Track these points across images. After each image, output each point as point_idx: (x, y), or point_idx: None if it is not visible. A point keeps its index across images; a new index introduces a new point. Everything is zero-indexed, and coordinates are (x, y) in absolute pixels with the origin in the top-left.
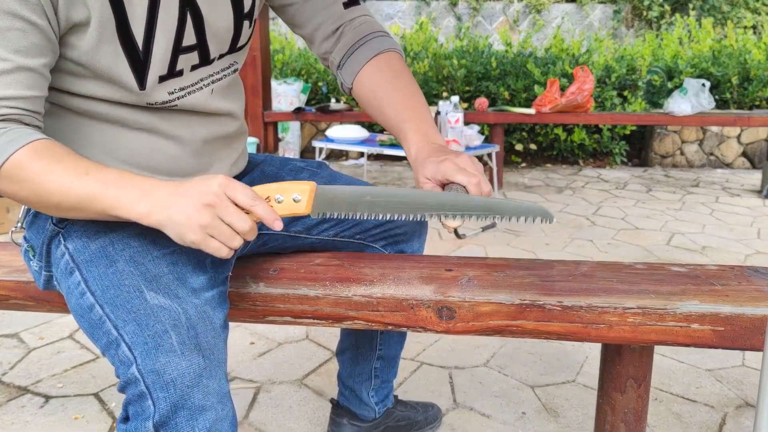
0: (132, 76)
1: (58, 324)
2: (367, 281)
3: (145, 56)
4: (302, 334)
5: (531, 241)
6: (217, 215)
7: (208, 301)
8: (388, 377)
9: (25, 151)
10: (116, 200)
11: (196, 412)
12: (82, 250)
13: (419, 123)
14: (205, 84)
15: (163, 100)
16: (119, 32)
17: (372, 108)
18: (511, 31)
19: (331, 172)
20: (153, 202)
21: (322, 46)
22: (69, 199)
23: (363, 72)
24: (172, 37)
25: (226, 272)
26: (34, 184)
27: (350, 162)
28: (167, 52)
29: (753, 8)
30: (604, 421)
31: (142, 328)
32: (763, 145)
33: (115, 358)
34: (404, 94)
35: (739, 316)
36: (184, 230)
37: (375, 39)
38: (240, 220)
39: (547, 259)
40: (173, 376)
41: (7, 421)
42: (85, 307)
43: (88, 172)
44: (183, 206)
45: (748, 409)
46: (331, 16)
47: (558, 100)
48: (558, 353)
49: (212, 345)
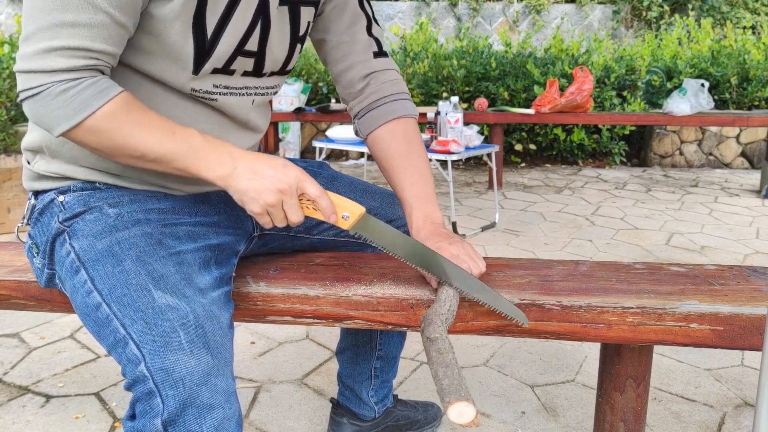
0: (192, 59)
1: (58, 324)
2: (367, 281)
3: (211, 46)
4: (302, 333)
5: (530, 241)
6: (282, 200)
7: (214, 301)
8: (388, 377)
9: (117, 102)
10: (199, 162)
11: (204, 411)
12: (88, 249)
13: (424, 204)
14: (249, 92)
15: (206, 89)
16: (195, 17)
17: (382, 169)
18: (510, 32)
19: (333, 173)
20: (232, 170)
21: (346, 89)
22: (154, 153)
23: (378, 132)
24: (239, 38)
25: (230, 272)
26: (121, 135)
27: (350, 162)
28: (230, 49)
29: (752, 9)
30: (604, 420)
31: (150, 327)
32: (762, 145)
33: (123, 357)
34: (413, 169)
35: (738, 315)
36: (251, 202)
37: (396, 102)
38: (296, 213)
39: (546, 259)
40: (182, 374)
41: (8, 420)
42: (92, 306)
43: (174, 131)
44: (258, 184)
45: (747, 408)
46: (361, 62)
47: (557, 101)
48: (557, 353)
49: (220, 344)
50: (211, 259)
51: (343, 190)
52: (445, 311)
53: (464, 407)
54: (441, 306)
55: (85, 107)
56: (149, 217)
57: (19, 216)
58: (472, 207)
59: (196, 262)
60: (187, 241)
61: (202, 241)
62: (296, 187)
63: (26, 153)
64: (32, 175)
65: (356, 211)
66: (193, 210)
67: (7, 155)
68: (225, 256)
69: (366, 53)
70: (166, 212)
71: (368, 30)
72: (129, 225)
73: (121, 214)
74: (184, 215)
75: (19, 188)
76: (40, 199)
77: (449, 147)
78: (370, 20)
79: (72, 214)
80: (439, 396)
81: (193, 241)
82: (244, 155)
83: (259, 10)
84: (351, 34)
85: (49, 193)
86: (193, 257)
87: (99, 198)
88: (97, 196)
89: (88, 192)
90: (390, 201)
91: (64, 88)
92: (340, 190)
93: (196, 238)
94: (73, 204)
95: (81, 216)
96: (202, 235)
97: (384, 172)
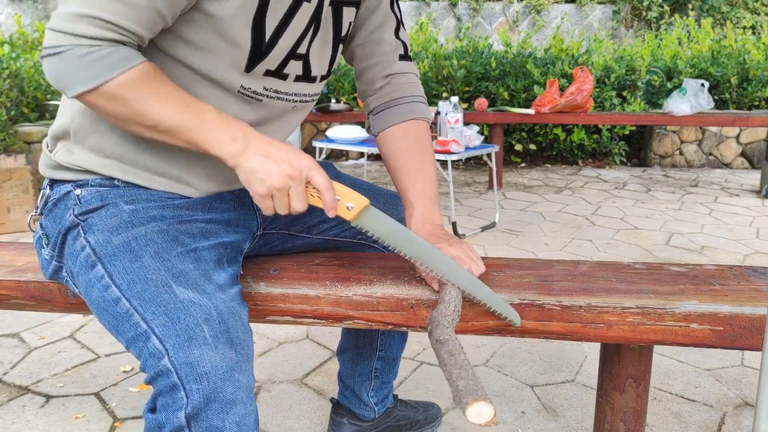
0: (246, 59)
1: (58, 324)
2: (367, 281)
3: (268, 48)
4: (302, 333)
5: (530, 241)
6: (288, 186)
7: (233, 297)
8: (388, 378)
9: (137, 71)
10: (211, 136)
11: (227, 406)
12: (105, 244)
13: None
14: (296, 99)
15: (255, 90)
16: (255, 17)
17: (389, 166)
18: (510, 32)
19: (336, 173)
20: (243, 148)
21: (366, 85)
22: (166, 123)
23: (392, 130)
24: (294, 42)
25: (239, 270)
26: (137, 104)
27: (350, 162)
28: (284, 52)
29: (752, 9)
30: (604, 420)
31: (173, 321)
32: (761, 145)
33: (144, 351)
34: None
35: (737, 315)
36: (257, 183)
37: (413, 104)
38: (300, 201)
39: (546, 259)
40: (207, 368)
41: (8, 420)
42: (110, 301)
43: (188, 104)
44: (268, 165)
45: (747, 408)
46: (385, 62)
47: (557, 101)
48: (557, 353)
49: (242, 340)
50: (224, 256)
51: None
52: (450, 312)
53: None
54: (446, 307)
55: (105, 72)
56: (164, 213)
57: (19, 216)
58: (472, 207)
59: (212, 259)
60: (201, 239)
61: (214, 238)
62: (305, 175)
63: (50, 139)
64: (51, 163)
65: (360, 202)
66: (206, 207)
67: (7, 155)
68: (234, 254)
69: (392, 54)
70: (180, 209)
71: (396, 32)
72: (145, 221)
73: (137, 210)
74: (198, 212)
75: (20, 188)
76: (56, 189)
77: (449, 147)
78: (398, 23)
79: (88, 208)
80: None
81: (206, 238)
82: (258, 136)
83: (315, 13)
84: (379, 33)
85: (66, 185)
86: (208, 254)
87: (116, 195)
88: (114, 193)
89: (106, 189)
90: (393, 202)
91: (86, 51)
92: None
93: (209, 235)
94: (89, 199)
95: (97, 211)
96: (214, 232)
97: (390, 170)
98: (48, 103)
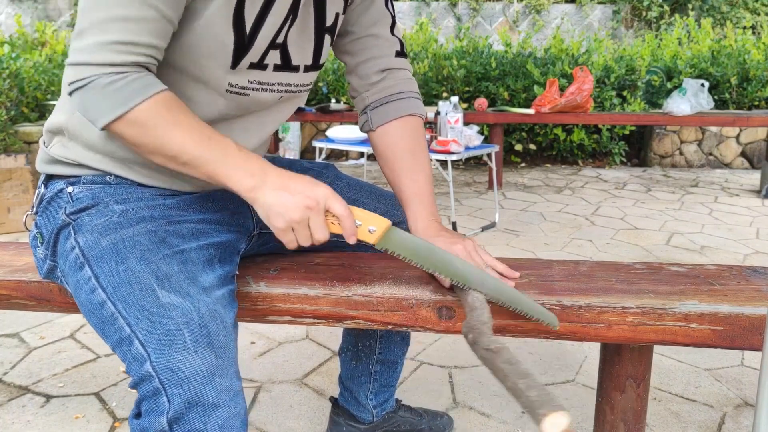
0: (231, 55)
1: (58, 324)
2: (367, 281)
3: (249, 41)
4: (302, 333)
5: (530, 241)
6: (307, 217)
7: (218, 300)
8: (388, 381)
9: (159, 99)
10: (230, 170)
11: (209, 409)
12: (93, 245)
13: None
14: (280, 89)
15: (242, 85)
16: (235, 13)
17: (385, 162)
18: (510, 32)
19: (337, 173)
20: (261, 182)
21: (361, 80)
22: (187, 155)
23: (389, 126)
24: (274, 32)
25: (234, 270)
26: (160, 132)
27: (350, 162)
28: (266, 42)
29: (752, 8)
30: (604, 420)
31: (155, 326)
32: (761, 145)
33: (128, 355)
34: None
35: (737, 315)
36: (276, 217)
37: (410, 100)
38: (321, 231)
39: (546, 259)
40: (187, 373)
41: (8, 420)
42: (96, 303)
43: (210, 136)
44: (286, 199)
45: (746, 408)
46: (382, 57)
47: (557, 101)
48: (557, 353)
49: (224, 343)
50: (215, 257)
51: (347, 191)
52: (486, 318)
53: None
54: (480, 314)
55: (129, 100)
56: (153, 214)
57: (19, 216)
58: (472, 207)
59: (200, 260)
60: (190, 240)
61: (204, 239)
62: (324, 205)
63: (46, 134)
64: (46, 158)
65: (382, 225)
66: (197, 207)
67: (7, 155)
68: (228, 254)
69: (389, 49)
70: (170, 209)
71: (391, 29)
72: (133, 222)
73: (127, 210)
74: (188, 212)
75: (19, 188)
76: (50, 188)
77: (449, 147)
78: (393, 20)
79: (79, 207)
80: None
81: (196, 239)
82: (276, 171)
83: (294, 3)
84: (375, 29)
85: (59, 182)
86: (197, 255)
87: (108, 194)
88: (106, 192)
89: (98, 186)
90: (397, 203)
91: (110, 80)
92: (343, 191)
93: (199, 236)
94: (81, 197)
95: (87, 211)
96: (205, 233)
97: (386, 167)
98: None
